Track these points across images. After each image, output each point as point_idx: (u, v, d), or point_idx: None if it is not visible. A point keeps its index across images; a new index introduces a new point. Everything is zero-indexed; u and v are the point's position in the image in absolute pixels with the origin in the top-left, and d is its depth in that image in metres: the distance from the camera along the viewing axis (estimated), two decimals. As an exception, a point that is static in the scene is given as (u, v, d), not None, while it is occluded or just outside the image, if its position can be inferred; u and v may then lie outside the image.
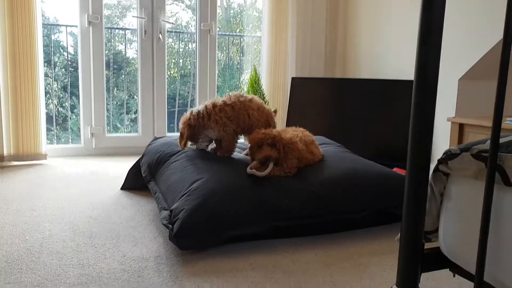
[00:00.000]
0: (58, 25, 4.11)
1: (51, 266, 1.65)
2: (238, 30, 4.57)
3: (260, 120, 2.25)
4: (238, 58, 4.57)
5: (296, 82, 4.05)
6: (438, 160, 1.00)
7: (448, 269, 1.10)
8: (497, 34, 2.78)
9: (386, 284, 1.57)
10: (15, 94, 3.35)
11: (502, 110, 0.81)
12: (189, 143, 2.30)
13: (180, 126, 2.26)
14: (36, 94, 3.40)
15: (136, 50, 4.01)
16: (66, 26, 4.08)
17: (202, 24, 4.07)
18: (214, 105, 2.19)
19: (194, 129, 2.22)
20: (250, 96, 2.29)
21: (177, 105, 4.52)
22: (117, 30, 4.43)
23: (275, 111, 2.42)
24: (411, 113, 0.97)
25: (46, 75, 3.96)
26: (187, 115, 2.26)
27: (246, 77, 4.38)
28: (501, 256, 0.88)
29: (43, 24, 3.54)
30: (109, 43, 4.19)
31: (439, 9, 0.92)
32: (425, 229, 1.11)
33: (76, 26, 3.75)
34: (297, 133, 2.26)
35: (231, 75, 4.66)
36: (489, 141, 0.87)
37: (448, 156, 0.97)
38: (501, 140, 0.90)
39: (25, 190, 2.67)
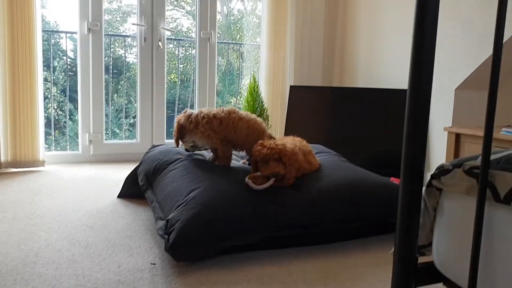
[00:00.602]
0: (58, 31, 4.12)
1: (46, 277, 1.65)
2: (238, 37, 4.59)
3: (249, 140, 2.25)
4: (238, 63, 4.58)
5: (295, 90, 4.06)
6: (431, 176, 1.01)
7: (441, 283, 1.10)
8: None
9: (381, 296, 1.57)
10: (14, 100, 3.35)
11: (492, 129, 0.81)
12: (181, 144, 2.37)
13: (175, 123, 2.35)
14: (35, 100, 3.41)
15: (136, 55, 4.02)
16: (66, 33, 4.10)
17: (202, 33, 4.09)
18: (204, 116, 2.23)
19: (182, 128, 2.28)
20: (244, 113, 2.29)
21: (176, 110, 4.52)
22: (117, 37, 4.45)
23: (271, 136, 2.36)
24: (404, 129, 0.98)
25: (45, 79, 3.97)
26: (181, 113, 2.34)
27: (246, 82, 4.40)
28: (492, 272, 0.88)
29: (43, 30, 3.55)
30: (110, 48, 4.21)
31: (431, 26, 0.93)
32: (419, 243, 1.12)
33: (75, 33, 3.77)
34: (295, 142, 2.26)
35: (231, 80, 4.67)
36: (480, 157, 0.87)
37: (441, 171, 0.97)
38: (493, 156, 0.91)
39: (22, 198, 2.67)
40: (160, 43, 3.95)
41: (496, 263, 0.87)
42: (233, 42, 4.66)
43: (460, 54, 3.04)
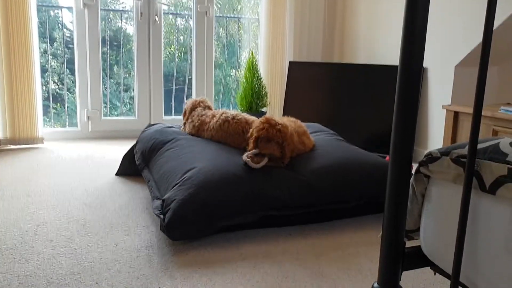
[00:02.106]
0: (52, 6, 4.06)
1: (44, 255, 1.68)
2: (239, 7, 4.49)
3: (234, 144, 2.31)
4: (239, 35, 4.52)
5: (294, 66, 4.02)
6: (419, 163, 1.01)
7: (429, 267, 1.12)
8: (496, 19, 2.74)
9: (372, 275, 1.60)
10: (10, 78, 3.33)
11: (480, 119, 0.81)
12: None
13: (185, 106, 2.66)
14: (32, 78, 3.39)
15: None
16: (61, 8, 4.03)
17: (199, 6, 4.02)
18: (197, 116, 2.49)
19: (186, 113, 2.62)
20: (233, 122, 2.30)
21: (174, 84, 4.48)
22: (113, 11, 4.38)
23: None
24: (394, 111, 0.98)
25: (45, 51, 3.94)
26: (191, 100, 2.63)
27: (246, 55, 4.35)
28: (476, 259, 0.89)
29: (37, 5, 3.49)
30: (110, 21, 4.14)
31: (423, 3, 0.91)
32: (407, 228, 1.13)
33: (71, 8, 3.71)
34: (290, 123, 2.26)
35: (231, 52, 4.62)
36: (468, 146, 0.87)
37: (429, 159, 0.97)
38: (480, 145, 0.91)
39: (21, 175, 2.69)
40: (156, 18, 3.89)
41: (479, 251, 0.88)
42: (231, 16, 4.58)
43: (460, 31, 3.00)
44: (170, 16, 4.30)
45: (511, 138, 0.91)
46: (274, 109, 4.15)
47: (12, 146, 3.44)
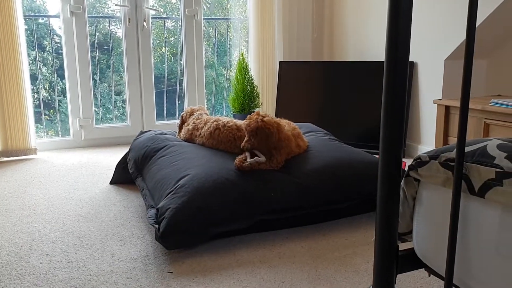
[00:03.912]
0: (40, 16, 4.03)
1: (40, 270, 1.67)
2: (228, 6, 4.48)
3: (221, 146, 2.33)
4: (228, 34, 4.51)
5: (285, 66, 4.02)
6: (409, 167, 1.01)
7: (423, 269, 1.13)
8: (483, 12, 2.76)
9: (369, 276, 1.61)
10: (0, 90, 3.31)
11: (466, 123, 0.81)
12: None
13: (182, 113, 2.68)
14: (22, 89, 3.36)
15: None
16: (49, 17, 4.00)
17: (187, 10, 4.01)
18: (193, 124, 2.50)
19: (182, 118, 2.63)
20: (224, 130, 2.30)
21: (166, 85, 4.46)
22: (101, 19, 4.35)
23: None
24: (382, 109, 0.98)
25: (34, 59, 3.91)
26: (188, 109, 2.65)
27: (237, 53, 4.34)
28: (468, 262, 0.90)
29: (24, 15, 3.47)
30: (98, 25, 4.10)
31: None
32: (399, 230, 1.14)
33: (58, 17, 3.68)
34: (285, 126, 2.26)
35: (222, 51, 4.60)
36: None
37: (418, 163, 0.98)
38: (468, 148, 0.91)
39: (15, 188, 2.68)
40: (145, 23, 3.88)
41: (471, 253, 0.89)
42: (220, 18, 4.57)
43: (448, 25, 3.01)
44: (158, 19, 4.29)
45: (499, 140, 0.91)
46: (266, 109, 4.15)
47: (5, 158, 3.43)
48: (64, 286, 1.56)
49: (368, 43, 3.82)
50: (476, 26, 2.74)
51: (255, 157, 2.03)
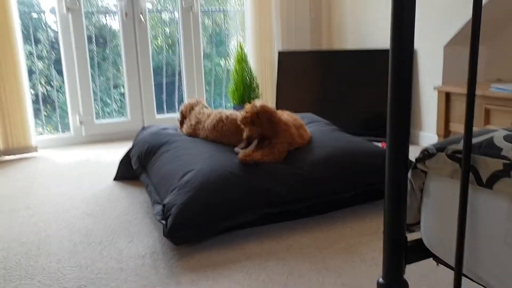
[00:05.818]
0: (35, 12, 4.00)
1: (49, 269, 1.69)
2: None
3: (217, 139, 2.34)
4: (225, 24, 4.49)
5: (283, 56, 4.01)
6: (416, 159, 1.02)
7: (431, 258, 1.14)
8: None
9: (377, 265, 1.62)
10: (-1, 89, 3.30)
11: (473, 115, 0.82)
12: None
13: (182, 108, 2.64)
14: (20, 88, 3.35)
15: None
16: (44, 12, 3.97)
17: (183, 2, 3.98)
18: (194, 120, 2.49)
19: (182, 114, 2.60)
20: (227, 122, 2.30)
21: (164, 77, 4.45)
22: (97, 14, 4.32)
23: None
24: (388, 100, 0.99)
25: (30, 53, 3.89)
26: (187, 102, 2.63)
27: (234, 43, 4.33)
28: (477, 252, 0.91)
29: (19, 11, 3.44)
30: (93, 18, 4.07)
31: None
32: (407, 221, 1.15)
33: (54, 13, 3.66)
34: (288, 117, 2.26)
35: (219, 42, 4.58)
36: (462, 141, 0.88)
37: (425, 155, 0.98)
38: (475, 140, 0.92)
39: (18, 187, 2.69)
40: (142, 17, 3.85)
41: (480, 244, 0.90)
42: (217, 10, 4.54)
43: (447, 11, 2.99)
44: (155, 11, 4.26)
45: (504, 131, 0.92)
46: (266, 100, 4.15)
47: (7, 157, 3.43)
48: (74, 285, 1.57)
49: (366, 30, 3.80)
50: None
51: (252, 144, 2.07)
